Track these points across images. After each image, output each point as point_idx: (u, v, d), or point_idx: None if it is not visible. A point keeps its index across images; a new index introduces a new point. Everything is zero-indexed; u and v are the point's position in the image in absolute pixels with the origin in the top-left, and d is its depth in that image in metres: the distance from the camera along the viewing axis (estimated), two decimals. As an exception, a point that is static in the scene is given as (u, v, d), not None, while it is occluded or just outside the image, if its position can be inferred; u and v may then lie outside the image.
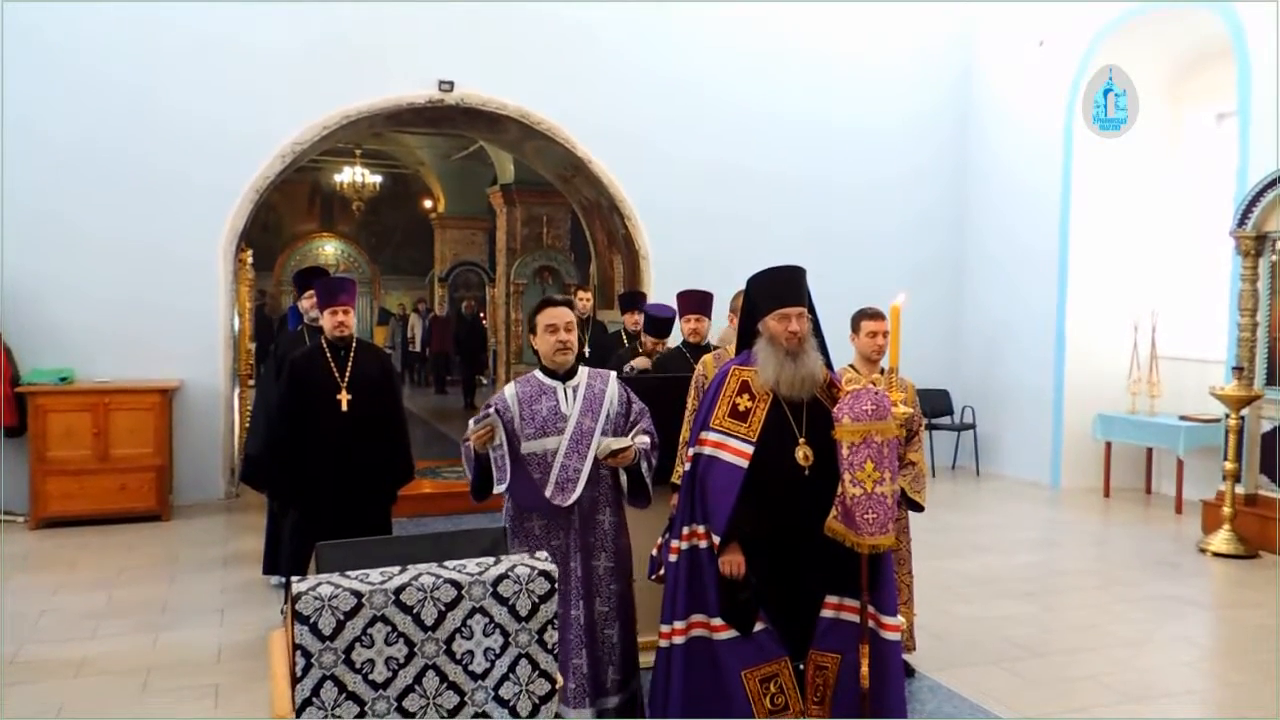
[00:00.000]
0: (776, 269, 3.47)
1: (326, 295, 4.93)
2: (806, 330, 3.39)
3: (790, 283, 3.43)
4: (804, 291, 3.45)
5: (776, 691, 3.34)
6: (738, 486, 3.29)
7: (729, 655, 3.32)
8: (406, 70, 8.46)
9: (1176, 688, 4.58)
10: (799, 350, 3.37)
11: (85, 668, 4.54)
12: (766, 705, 3.32)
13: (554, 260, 14.41)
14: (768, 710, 3.32)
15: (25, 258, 7.44)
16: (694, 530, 3.42)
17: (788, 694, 3.35)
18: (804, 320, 3.39)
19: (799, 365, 3.36)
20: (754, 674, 3.32)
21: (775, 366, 3.36)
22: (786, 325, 3.35)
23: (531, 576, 2.32)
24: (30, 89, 7.47)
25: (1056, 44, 9.29)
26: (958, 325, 10.44)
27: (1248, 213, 7.08)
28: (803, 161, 9.75)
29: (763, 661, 3.33)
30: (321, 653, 2.12)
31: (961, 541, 7.17)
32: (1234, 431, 6.94)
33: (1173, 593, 5.97)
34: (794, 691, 3.35)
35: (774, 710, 3.33)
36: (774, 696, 3.34)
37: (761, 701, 3.32)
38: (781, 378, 3.36)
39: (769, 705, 3.33)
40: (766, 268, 3.49)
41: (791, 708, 3.35)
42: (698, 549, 3.40)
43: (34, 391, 7.18)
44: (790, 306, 3.37)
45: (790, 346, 3.36)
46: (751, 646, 3.33)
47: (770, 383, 3.37)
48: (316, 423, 4.78)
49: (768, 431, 3.36)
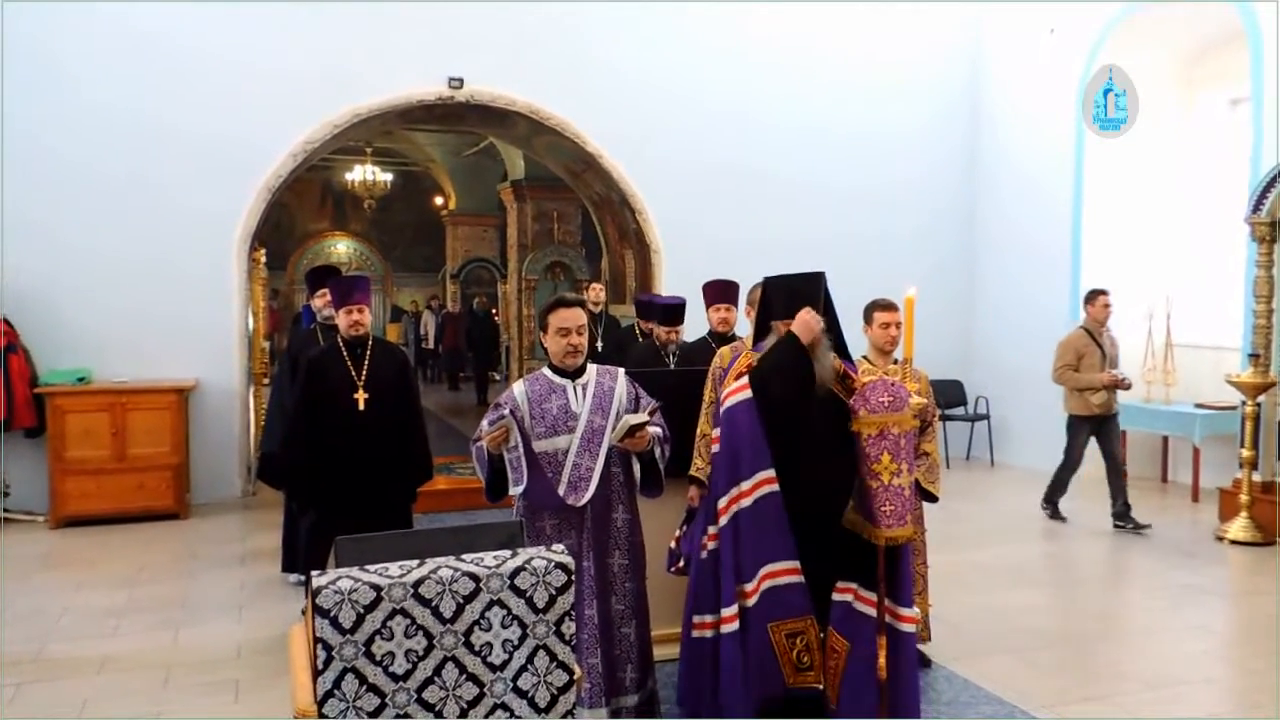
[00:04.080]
0: (794, 278, 3.46)
1: (341, 294, 4.88)
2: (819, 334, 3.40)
3: (804, 294, 3.42)
4: (818, 300, 3.44)
5: (803, 649, 3.35)
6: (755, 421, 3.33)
7: (757, 613, 3.32)
8: (416, 68, 8.48)
9: (1194, 676, 4.56)
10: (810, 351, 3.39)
11: (107, 664, 4.59)
12: (793, 660, 3.33)
13: (565, 256, 14.42)
14: (794, 665, 3.33)
15: (42, 260, 7.50)
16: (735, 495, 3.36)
17: (813, 653, 3.36)
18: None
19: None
20: (780, 628, 3.32)
21: None
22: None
23: (548, 569, 2.34)
24: (41, 99, 7.52)
25: (1067, 34, 9.23)
26: (971, 314, 10.40)
27: (1262, 199, 7.03)
28: (815, 159, 9.73)
29: (787, 616, 3.33)
30: (342, 646, 2.14)
31: (976, 531, 7.16)
32: (1250, 419, 6.91)
33: (1190, 581, 5.95)
34: (819, 653, 3.36)
35: (800, 667, 3.34)
36: (800, 654, 3.34)
37: (789, 654, 3.32)
38: None
39: (795, 661, 3.33)
40: (786, 274, 3.48)
41: (814, 667, 3.36)
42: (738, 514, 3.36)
43: (52, 392, 7.24)
44: None
45: None
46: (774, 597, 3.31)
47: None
48: (333, 422, 4.74)
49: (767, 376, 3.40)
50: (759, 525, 3.34)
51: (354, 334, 4.83)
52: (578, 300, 3.65)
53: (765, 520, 3.33)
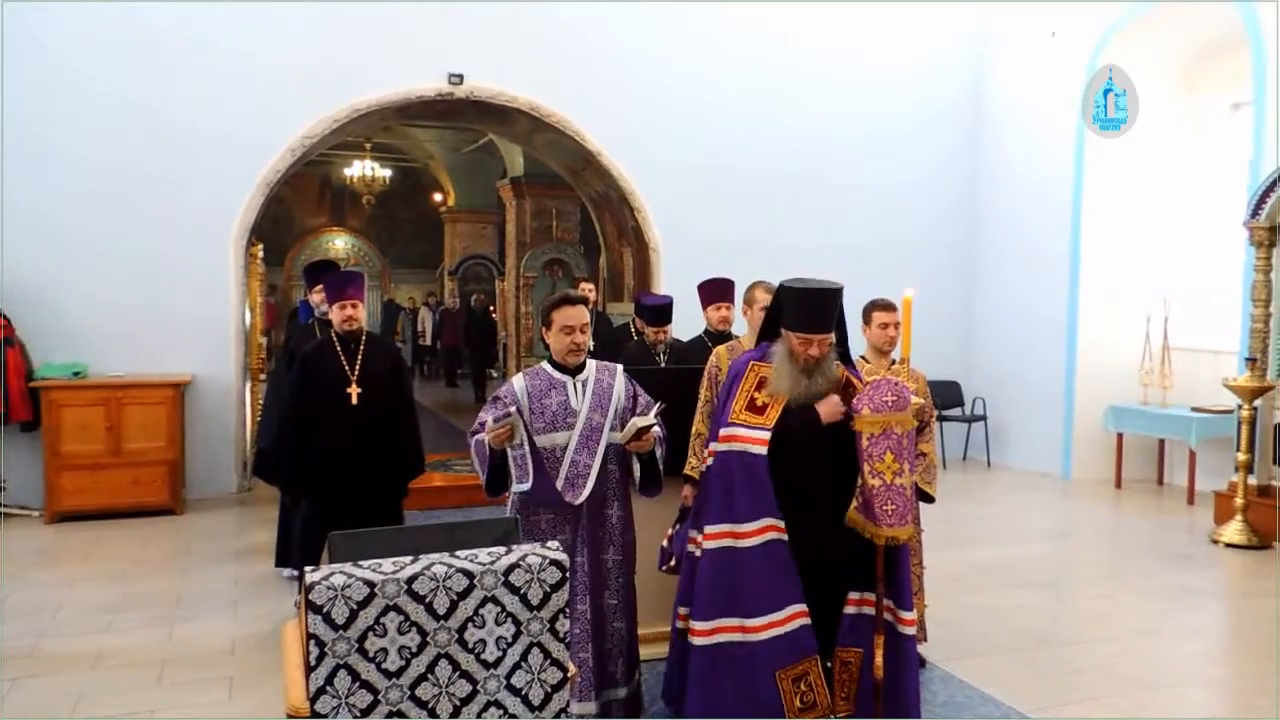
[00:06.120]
0: (811, 291, 3.37)
1: (335, 290, 4.95)
2: (827, 353, 3.40)
3: (819, 310, 3.37)
4: (832, 319, 3.41)
5: (806, 690, 3.34)
6: (766, 473, 3.29)
7: (764, 655, 3.29)
8: (417, 63, 8.46)
9: (1188, 678, 4.56)
10: (814, 369, 3.39)
11: (102, 660, 4.58)
12: (796, 704, 3.32)
13: (564, 253, 14.40)
14: (797, 709, 3.33)
15: (38, 253, 7.47)
16: (729, 530, 3.34)
17: (816, 691, 3.35)
18: (825, 345, 3.39)
19: (812, 383, 3.38)
20: (788, 674, 3.31)
21: (790, 381, 3.39)
22: (807, 348, 3.37)
23: (543, 566, 2.33)
24: (38, 91, 7.50)
25: (1069, 36, 9.23)
26: (969, 316, 10.41)
27: (1261, 203, 7.03)
28: (816, 159, 9.73)
29: (797, 660, 3.31)
30: (335, 642, 2.13)
31: (973, 532, 7.16)
32: (1246, 423, 6.91)
33: (1185, 583, 5.96)
34: (823, 689, 3.35)
35: (803, 709, 3.34)
36: (804, 695, 3.34)
37: (792, 701, 3.32)
38: (793, 394, 3.38)
39: (799, 704, 3.33)
40: (803, 284, 3.40)
41: (820, 704, 3.35)
42: (734, 550, 3.33)
43: (48, 386, 7.22)
44: (814, 334, 3.36)
45: (806, 365, 3.38)
46: (786, 644, 3.29)
47: (782, 396, 3.40)
48: (327, 416, 4.79)
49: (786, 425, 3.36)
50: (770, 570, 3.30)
51: (348, 329, 4.88)
52: (582, 298, 3.65)
53: (775, 566, 3.30)
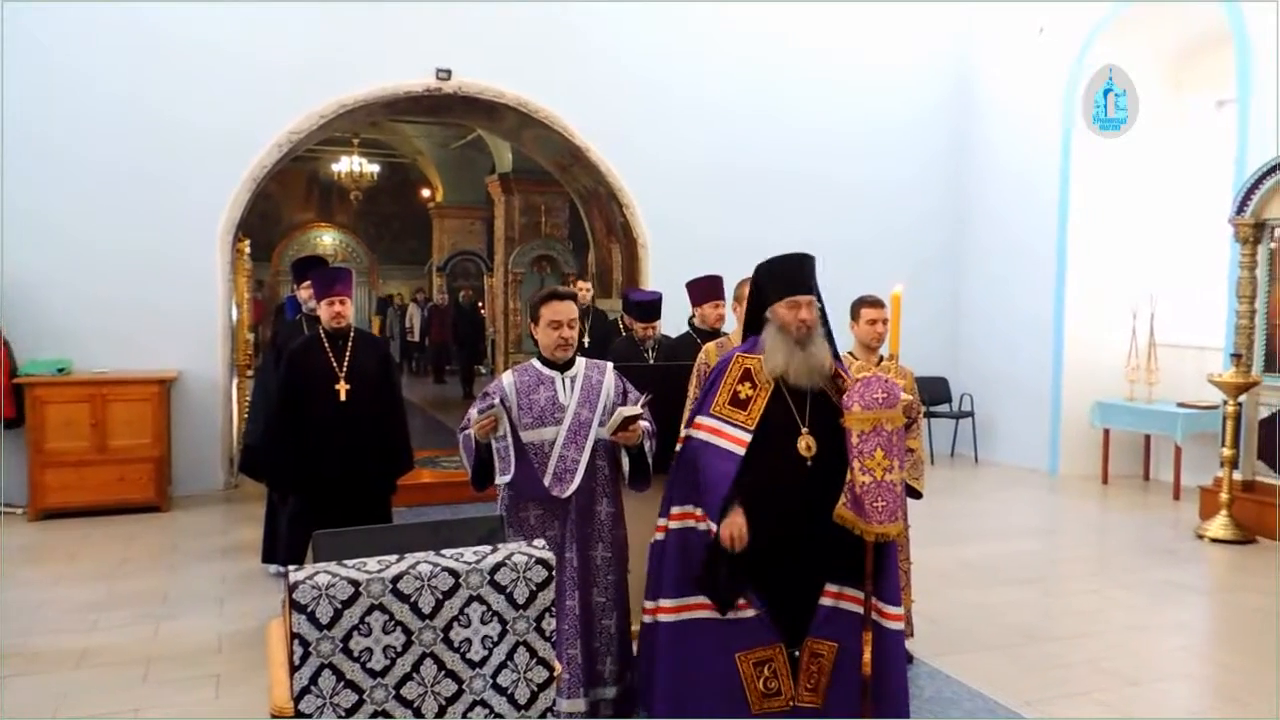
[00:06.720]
0: (786, 256, 3.42)
1: (323, 286, 4.94)
2: (816, 319, 3.37)
3: (799, 270, 3.39)
4: (813, 279, 3.42)
5: (770, 676, 3.34)
6: (733, 473, 3.27)
7: (724, 636, 3.32)
8: (404, 58, 8.43)
9: (1174, 672, 4.59)
10: (808, 339, 3.35)
11: (86, 658, 4.55)
12: (760, 688, 3.33)
13: (552, 249, 14.37)
14: (761, 693, 3.33)
15: (22, 249, 7.42)
16: (688, 511, 3.39)
17: (780, 680, 3.35)
18: (813, 308, 3.36)
19: (808, 355, 3.33)
20: (747, 657, 3.32)
21: (785, 355, 3.33)
22: (796, 313, 3.32)
23: (529, 564, 2.32)
24: (27, 86, 7.44)
25: (1055, 34, 9.25)
26: (957, 312, 10.43)
27: (1246, 199, 7.06)
28: (803, 157, 9.73)
29: (755, 646, 3.32)
30: (319, 641, 2.12)
31: (960, 528, 7.18)
32: (1232, 418, 6.95)
33: (1171, 578, 5.99)
34: (787, 678, 3.35)
35: (767, 694, 3.34)
36: (767, 680, 3.34)
37: (755, 684, 3.32)
38: (791, 367, 3.33)
39: (762, 688, 3.33)
40: (776, 255, 3.43)
41: (784, 693, 3.35)
42: (694, 530, 3.38)
43: (32, 383, 7.17)
44: (800, 294, 3.35)
45: (799, 335, 3.33)
46: (743, 630, 3.32)
47: (779, 371, 3.35)
48: (315, 413, 4.79)
49: (769, 421, 3.34)
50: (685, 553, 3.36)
51: (336, 325, 4.88)
52: (570, 294, 3.66)
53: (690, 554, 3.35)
